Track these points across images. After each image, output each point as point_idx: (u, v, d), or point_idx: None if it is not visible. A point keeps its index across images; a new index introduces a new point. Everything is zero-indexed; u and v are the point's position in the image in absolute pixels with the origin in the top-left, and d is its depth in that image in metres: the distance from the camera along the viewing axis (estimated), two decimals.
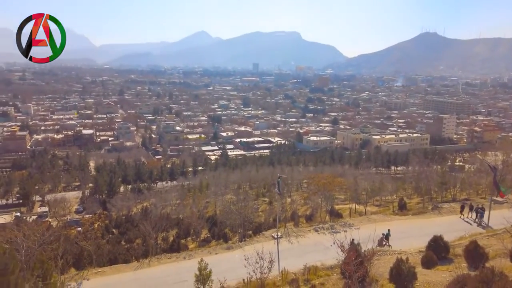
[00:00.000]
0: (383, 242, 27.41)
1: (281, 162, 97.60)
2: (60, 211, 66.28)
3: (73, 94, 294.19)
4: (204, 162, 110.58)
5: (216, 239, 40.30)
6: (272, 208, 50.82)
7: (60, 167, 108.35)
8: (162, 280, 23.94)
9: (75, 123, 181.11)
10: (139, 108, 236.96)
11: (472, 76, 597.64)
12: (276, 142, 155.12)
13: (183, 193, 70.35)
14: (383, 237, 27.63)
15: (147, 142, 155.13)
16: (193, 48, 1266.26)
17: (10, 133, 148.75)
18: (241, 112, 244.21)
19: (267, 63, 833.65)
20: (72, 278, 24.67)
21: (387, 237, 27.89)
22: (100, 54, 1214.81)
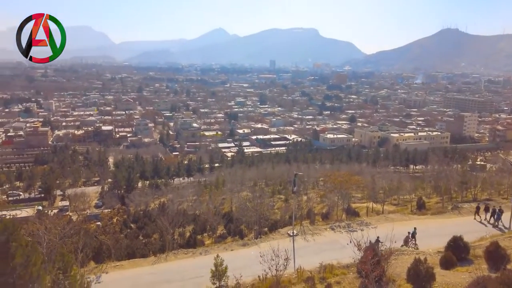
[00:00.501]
0: (409, 241, 26.94)
1: (297, 159, 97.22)
2: (80, 205, 67.81)
3: (93, 91, 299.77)
4: (220, 159, 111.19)
5: (232, 235, 40.55)
6: (288, 206, 50.69)
7: (80, 162, 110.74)
8: (179, 275, 24.21)
9: (95, 119, 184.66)
10: (157, 105, 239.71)
11: (495, 73, 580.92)
12: (292, 139, 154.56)
13: (199, 189, 70.92)
14: (409, 236, 27.14)
15: (165, 139, 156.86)
16: (210, 45, 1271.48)
17: (33, 129, 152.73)
18: (258, 109, 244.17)
19: (284, 60, 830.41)
20: (91, 271, 25.19)
21: (413, 236, 27.36)
22: (120, 51, 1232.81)
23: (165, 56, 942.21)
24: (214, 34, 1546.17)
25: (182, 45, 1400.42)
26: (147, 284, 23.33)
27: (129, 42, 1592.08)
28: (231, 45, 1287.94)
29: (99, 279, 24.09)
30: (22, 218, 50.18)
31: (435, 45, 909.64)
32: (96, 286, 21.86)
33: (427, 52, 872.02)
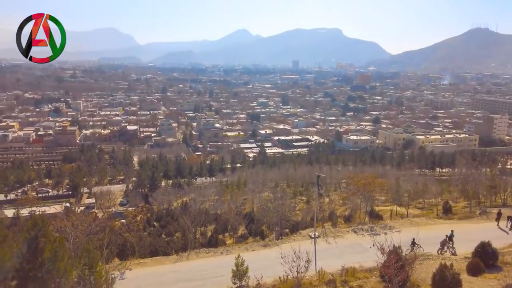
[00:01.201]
0: (446, 244, 26.24)
1: (319, 161, 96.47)
2: (106, 203, 69.56)
3: (119, 91, 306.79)
4: (242, 159, 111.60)
5: (253, 236, 40.59)
6: (309, 207, 50.38)
7: (106, 161, 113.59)
8: (200, 274, 24.45)
9: (120, 119, 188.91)
10: (180, 105, 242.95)
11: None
12: (314, 140, 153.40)
13: (221, 189, 71.39)
14: (447, 239, 26.43)
15: (188, 139, 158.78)
16: (233, 46, 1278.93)
17: (62, 128, 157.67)
18: (280, 110, 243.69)
19: (307, 60, 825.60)
20: (115, 268, 25.76)
21: (451, 239, 26.58)
22: (145, 52, 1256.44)
23: (188, 57, 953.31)
24: (237, 35, 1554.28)
25: (206, 46, 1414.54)
26: (169, 282, 23.67)
27: (154, 43, 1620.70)
28: (254, 45, 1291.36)
29: (123, 275, 24.61)
30: (51, 215, 51.73)
31: (464, 45, 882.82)
32: (120, 282, 22.32)
33: (455, 52, 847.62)
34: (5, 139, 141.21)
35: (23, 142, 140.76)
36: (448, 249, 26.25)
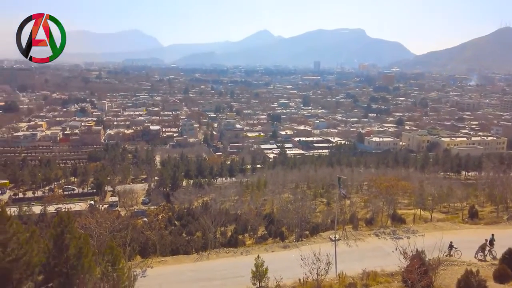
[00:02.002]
0: (486, 249, 25.44)
1: (340, 162, 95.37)
2: (129, 201, 70.90)
3: (143, 92, 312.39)
4: (262, 160, 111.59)
5: (272, 237, 40.53)
6: (330, 209, 49.90)
7: (129, 160, 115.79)
8: (220, 273, 24.59)
9: (143, 119, 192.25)
10: (202, 106, 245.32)
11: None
12: (336, 142, 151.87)
13: (241, 189, 71.59)
14: (487, 243, 25.64)
15: (209, 139, 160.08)
16: (255, 47, 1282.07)
17: (87, 128, 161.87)
18: (301, 111, 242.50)
19: (329, 61, 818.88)
20: (137, 265, 26.22)
21: (491, 243, 25.71)
22: (168, 53, 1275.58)
23: (210, 58, 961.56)
24: (258, 36, 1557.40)
25: (227, 47, 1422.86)
26: (190, 281, 23.91)
27: (177, 44, 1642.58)
28: (275, 46, 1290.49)
29: (145, 273, 25.02)
30: (76, 212, 53.18)
31: (492, 45, 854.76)
32: (141, 280, 22.70)
33: (482, 53, 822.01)
34: (34, 138, 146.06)
35: (51, 141, 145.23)
36: (489, 253, 25.40)
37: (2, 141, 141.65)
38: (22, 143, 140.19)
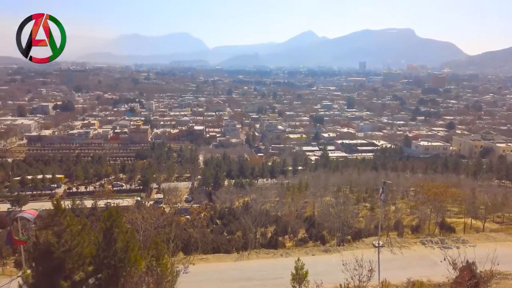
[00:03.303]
0: None
1: (385, 166, 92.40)
2: (173, 199, 73.11)
3: (188, 92, 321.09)
4: (304, 162, 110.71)
5: (313, 240, 40.08)
6: (373, 215, 48.51)
7: (174, 159, 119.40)
8: (260, 274, 24.68)
9: (188, 119, 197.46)
10: (244, 107, 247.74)
11: None
12: (381, 145, 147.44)
13: (282, 191, 71.40)
14: None
15: (251, 140, 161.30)
16: (298, 48, 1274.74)
17: (136, 127, 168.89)
18: (345, 113, 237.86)
19: (375, 62, 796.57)
20: (180, 262, 26.92)
21: None
22: (213, 55, 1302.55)
23: (254, 60, 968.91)
24: (302, 37, 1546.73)
25: (271, 49, 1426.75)
26: (230, 280, 24.20)
27: (222, 46, 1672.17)
28: (319, 47, 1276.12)
29: (187, 269, 25.64)
30: (123, 207, 55.61)
31: None
32: (183, 276, 23.26)
33: None
34: (87, 135, 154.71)
35: (102, 139, 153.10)
36: None
37: (59, 138, 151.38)
38: (76, 140, 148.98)
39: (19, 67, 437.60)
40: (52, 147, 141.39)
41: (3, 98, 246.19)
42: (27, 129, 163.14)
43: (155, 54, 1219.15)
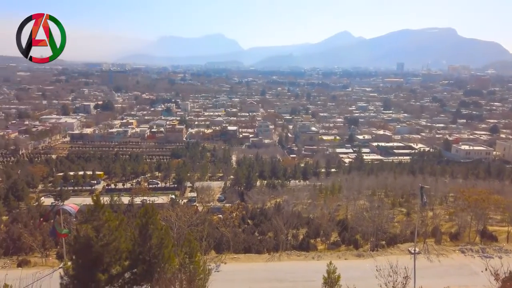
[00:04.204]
0: None
1: (423, 171, 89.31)
2: (206, 197, 74.14)
3: (222, 93, 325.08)
4: (337, 164, 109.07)
5: (346, 244, 39.38)
6: (410, 220, 47.03)
7: (208, 158, 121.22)
8: (291, 275, 24.58)
9: (222, 120, 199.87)
10: (278, 108, 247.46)
11: None
12: (418, 148, 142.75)
13: (314, 193, 70.70)
14: None
15: (283, 141, 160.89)
16: (334, 48, 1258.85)
17: (171, 126, 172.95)
18: (381, 114, 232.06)
19: (413, 63, 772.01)
20: (212, 260, 27.32)
21: None
22: (247, 56, 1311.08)
23: (288, 61, 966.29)
24: (338, 37, 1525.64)
25: (306, 49, 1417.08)
26: (261, 280, 24.26)
27: (256, 47, 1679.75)
28: (355, 48, 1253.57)
29: (218, 268, 25.98)
30: (158, 205, 57.03)
31: None
32: (215, 274, 23.58)
33: None
34: (125, 134, 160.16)
35: (139, 138, 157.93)
36: None
37: (99, 136, 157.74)
38: (115, 138, 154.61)
39: (64, 68, 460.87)
40: (92, 144, 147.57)
41: (49, 97, 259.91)
42: (70, 127, 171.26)
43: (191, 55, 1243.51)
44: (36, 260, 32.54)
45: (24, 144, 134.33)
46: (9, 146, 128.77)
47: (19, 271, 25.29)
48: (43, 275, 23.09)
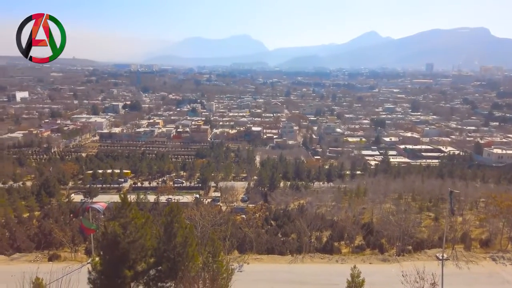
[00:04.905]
0: None
1: (452, 175, 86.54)
2: (229, 197, 74.63)
3: (247, 94, 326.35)
4: (363, 166, 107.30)
5: (370, 248, 38.67)
6: (437, 225, 45.68)
7: (232, 158, 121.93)
8: (314, 278, 24.38)
9: (246, 120, 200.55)
10: (302, 109, 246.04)
11: None
12: (448, 152, 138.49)
13: (339, 195, 69.83)
14: None
15: (308, 142, 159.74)
16: (360, 49, 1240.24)
17: (197, 127, 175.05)
18: (408, 116, 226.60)
19: (443, 63, 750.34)
20: (235, 260, 27.46)
21: None
22: (273, 57, 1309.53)
23: (314, 61, 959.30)
24: (365, 38, 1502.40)
25: (332, 50, 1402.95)
26: (283, 282, 24.18)
27: (281, 48, 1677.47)
28: (383, 48, 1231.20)
29: (241, 268, 26.09)
30: (183, 203, 57.74)
31: None
32: (238, 274, 23.68)
33: None
34: (152, 134, 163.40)
35: (165, 137, 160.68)
36: None
37: (127, 136, 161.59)
38: (142, 138, 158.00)
39: (95, 69, 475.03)
40: (120, 143, 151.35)
41: (80, 97, 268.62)
42: (100, 127, 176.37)
43: (217, 56, 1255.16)
44: (66, 254, 33.68)
45: (56, 142, 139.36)
46: (42, 144, 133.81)
47: (50, 265, 26.26)
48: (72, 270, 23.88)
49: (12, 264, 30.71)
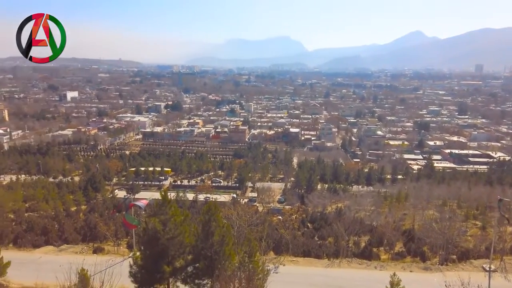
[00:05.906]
0: None
1: (502, 181, 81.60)
2: (266, 198, 74.78)
3: (286, 95, 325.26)
4: (405, 170, 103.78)
5: (411, 255, 37.29)
6: (485, 235, 43.29)
7: (269, 159, 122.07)
8: (351, 284, 23.89)
9: (284, 122, 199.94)
10: (342, 111, 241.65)
11: None
12: (497, 157, 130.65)
13: (379, 200, 67.95)
14: None
15: (347, 144, 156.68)
16: (404, 49, 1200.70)
17: (235, 127, 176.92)
18: (455, 120, 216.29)
19: (494, 64, 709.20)
20: (271, 261, 27.46)
21: None
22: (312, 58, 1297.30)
23: (355, 62, 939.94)
24: (409, 38, 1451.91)
25: (374, 50, 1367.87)
26: (319, 285, 23.87)
27: (321, 49, 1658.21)
28: (428, 48, 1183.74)
29: (277, 269, 26.03)
30: (221, 203, 58.43)
31: None
32: (273, 275, 23.65)
33: None
34: (192, 133, 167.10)
35: (205, 137, 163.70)
36: None
37: (168, 135, 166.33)
38: (182, 137, 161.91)
39: (139, 70, 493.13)
40: (162, 142, 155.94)
41: (125, 97, 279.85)
42: (143, 126, 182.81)
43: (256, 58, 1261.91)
44: (109, 248, 35.21)
45: (102, 140, 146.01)
46: (89, 142, 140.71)
47: (94, 257, 27.54)
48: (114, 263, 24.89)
49: (60, 254, 32.55)
